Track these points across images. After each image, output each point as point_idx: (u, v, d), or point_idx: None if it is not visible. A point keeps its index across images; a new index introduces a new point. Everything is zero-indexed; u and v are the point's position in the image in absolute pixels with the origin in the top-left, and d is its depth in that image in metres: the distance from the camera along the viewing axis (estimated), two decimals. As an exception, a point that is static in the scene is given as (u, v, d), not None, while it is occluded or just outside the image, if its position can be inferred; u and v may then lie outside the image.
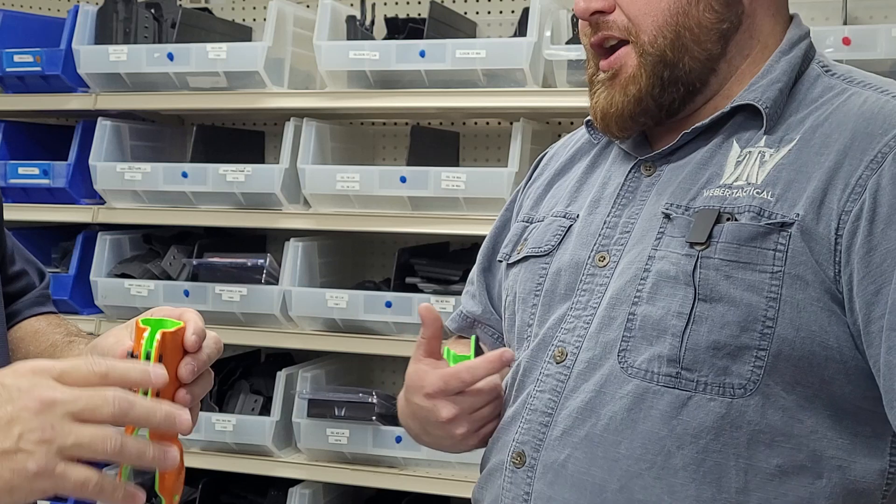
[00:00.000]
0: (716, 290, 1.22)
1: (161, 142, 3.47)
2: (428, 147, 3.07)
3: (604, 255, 1.33)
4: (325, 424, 2.95)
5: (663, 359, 1.23)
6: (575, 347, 1.31)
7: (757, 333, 1.20)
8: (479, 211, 2.82)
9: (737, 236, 1.23)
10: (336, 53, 2.91)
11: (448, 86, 2.85)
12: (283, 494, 3.08)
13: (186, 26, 3.11)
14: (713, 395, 1.21)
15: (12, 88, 3.26)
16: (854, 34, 2.55)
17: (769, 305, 1.20)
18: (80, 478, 0.99)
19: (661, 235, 1.28)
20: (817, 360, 1.21)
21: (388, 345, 2.95)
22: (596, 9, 1.33)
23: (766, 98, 1.30)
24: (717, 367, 1.21)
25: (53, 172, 3.20)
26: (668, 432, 1.22)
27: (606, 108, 1.34)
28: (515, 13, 3.15)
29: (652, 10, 1.30)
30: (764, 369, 1.20)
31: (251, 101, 3.04)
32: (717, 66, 1.33)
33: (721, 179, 1.28)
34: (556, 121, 3.14)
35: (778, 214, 1.22)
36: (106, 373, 1.01)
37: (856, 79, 1.32)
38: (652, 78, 1.31)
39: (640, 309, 1.26)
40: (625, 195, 1.36)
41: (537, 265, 1.41)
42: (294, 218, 3.03)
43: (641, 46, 1.31)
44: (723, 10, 1.31)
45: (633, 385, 1.24)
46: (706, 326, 1.22)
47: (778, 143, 1.27)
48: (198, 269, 3.16)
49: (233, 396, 3.23)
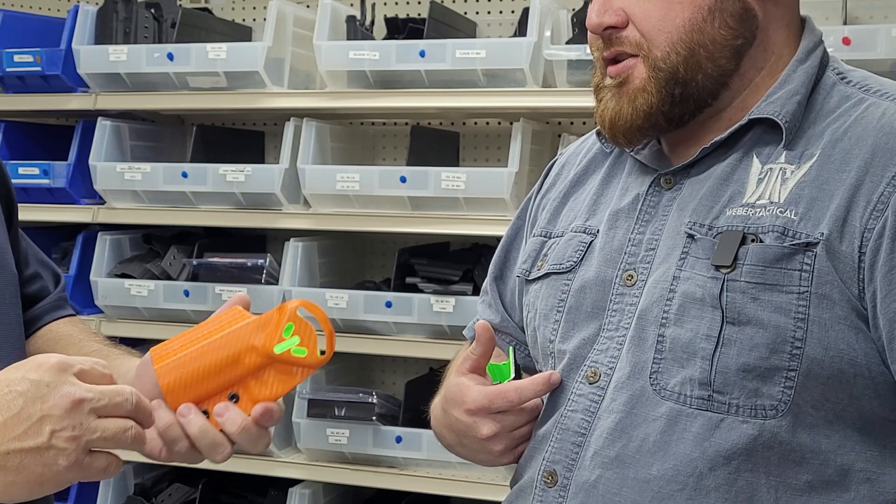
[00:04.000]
0: (743, 312, 1.21)
1: (161, 142, 3.47)
2: (428, 147, 3.07)
3: (631, 274, 1.32)
4: (325, 424, 2.95)
5: (695, 381, 1.23)
6: (608, 368, 1.30)
7: (786, 354, 1.20)
8: (479, 211, 2.83)
9: (762, 258, 1.22)
10: (336, 53, 2.91)
11: (448, 86, 2.85)
12: (283, 494, 3.09)
13: (186, 26, 3.11)
14: (745, 416, 1.21)
15: (12, 88, 3.26)
16: (854, 34, 2.55)
17: (797, 326, 1.20)
18: (102, 465, 1.10)
19: (686, 256, 1.27)
20: (846, 378, 1.20)
21: (388, 345, 2.95)
22: (609, 24, 1.31)
23: (786, 112, 1.28)
24: (748, 389, 1.21)
25: (53, 172, 3.20)
26: (701, 454, 1.22)
27: (614, 119, 1.33)
28: (515, 13, 3.15)
29: (666, 27, 1.28)
30: (794, 389, 1.20)
31: (251, 101, 3.04)
32: (730, 81, 1.31)
33: (744, 198, 1.27)
34: (556, 121, 3.14)
35: (802, 234, 1.21)
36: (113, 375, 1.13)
37: (872, 87, 1.30)
38: (663, 94, 1.29)
39: (668, 331, 1.25)
40: (646, 210, 1.34)
41: (559, 282, 1.39)
42: (294, 218, 3.02)
43: (654, 62, 1.29)
44: (738, 27, 1.30)
45: (666, 408, 1.24)
46: (735, 349, 1.21)
47: (798, 159, 1.26)
48: (198, 269, 3.16)
49: (233, 396, 3.23)
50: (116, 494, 3.24)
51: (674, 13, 1.28)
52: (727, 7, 1.29)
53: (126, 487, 3.28)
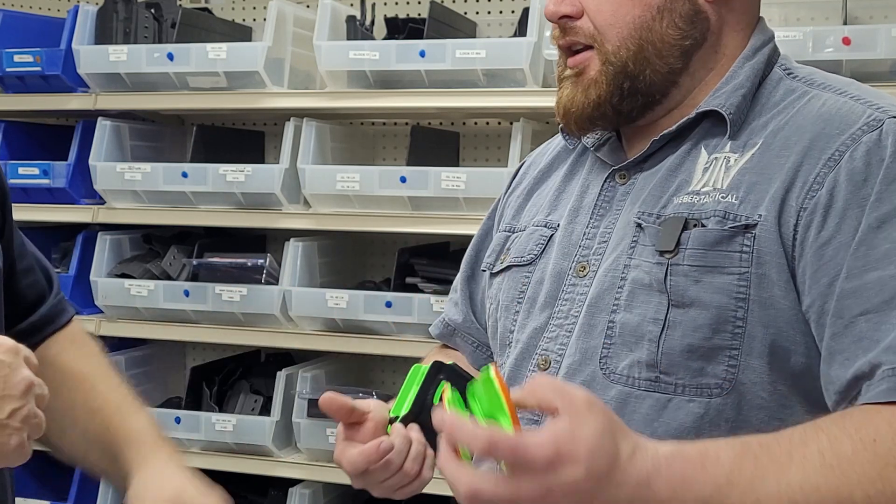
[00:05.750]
0: (686, 295, 1.25)
1: (161, 142, 3.47)
2: (428, 147, 3.07)
3: (584, 265, 1.35)
4: (325, 424, 2.95)
5: (643, 364, 1.26)
6: (558, 355, 1.33)
7: (728, 334, 1.23)
8: (479, 211, 2.82)
9: (703, 242, 1.25)
10: (336, 53, 2.91)
11: (448, 86, 2.86)
12: (283, 494, 3.09)
13: (186, 26, 3.12)
14: (691, 396, 1.25)
15: (12, 88, 3.26)
16: (854, 34, 2.55)
17: (738, 306, 1.23)
18: (24, 450, 1.13)
19: (635, 244, 1.31)
20: (787, 356, 1.23)
21: (388, 345, 2.95)
22: (564, 13, 1.35)
23: (730, 104, 1.32)
24: (693, 369, 1.24)
25: (53, 172, 3.20)
26: (651, 434, 1.22)
27: (568, 106, 1.37)
28: (515, 13, 3.15)
29: (617, 22, 1.32)
30: (738, 368, 1.23)
31: (251, 101, 3.04)
32: (679, 79, 1.35)
33: (690, 186, 1.30)
34: (556, 121, 3.14)
35: (742, 217, 1.25)
36: None
37: (816, 81, 1.34)
38: (612, 86, 1.33)
39: (618, 316, 1.29)
40: (601, 205, 1.38)
41: (520, 274, 1.43)
42: (294, 218, 3.03)
43: (605, 55, 1.33)
44: (686, 28, 1.33)
45: (616, 391, 1.27)
46: (680, 331, 1.25)
47: (742, 148, 1.30)
48: (198, 269, 3.16)
49: (233, 396, 3.24)
50: (116, 494, 3.25)
51: (624, 10, 1.32)
52: (677, 8, 1.32)
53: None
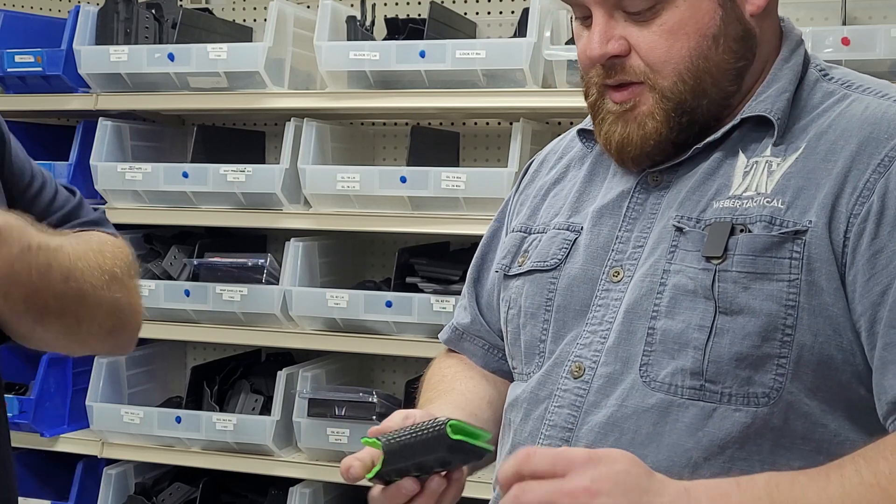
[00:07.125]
0: (735, 302, 1.23)
1: (162, 142, 3.48)
2: (428, 147, 3.08)
3: (618, 271, 1.33)
4: (325, 424, 2.96)
5: (686, 372, 1.24)
6: (592, 362, 1.31)
7: (777, 342, 1.21)
8: (479, 211, 2.83)
9: (752, 248, 1.23)
10: (336, 54, 2.92)
11: (448, 86, 2.86)
12: (283, 494, 3.09)
13: (187, 27, 3.12)
14: (738, 405, 1.23)
15: (13, 89, 3.26)
16: (853, 34, 2.55)
17: (788, 314, 1.21)
18: None
19: (675, 249, 1.28)
20: (835, 364, 1.22)
21: (388, 344, 2.95)
22: (613, 54, 1.31)
23: (777, 109, 1.30)
24: (741, 377, 1.22)
25: (54, 173, 3.18)
26: (695, 444, 1.23)
27: (623, 144, 1.33)
28: (515, 13, 3.15)
29: (673, 58, 1.29)
30: (786, 377, 1.21)
31: (251, 101, 3.04)
32: (732, 100, 1.33)
33: (730, 190, 1.28)
34: (556, 121, 3.14)
35: (790, 222, 1.23)
36: None
37: (854, 83, 1.33)
38: (670, 122, 1.30)
39: (659, 323, 1.26)
40: (634, 208, 1.35)
41: (544, 279, 1.39)
42: (294, 218, 3.03)
43: (661, 91, 1.30)
44: (740, 49, 1.31)
45: (656, 398, 1.25)
46: (728, 338, 1.23)
47: (784, 152, 1.28)
48: (198, 268, 3.17)
49: (233, 396, 3.24)
50: (117, 494, 3.25)
51: (679, 44, 1.29)
52: (730, 32, 1.30)
53: (127, 487, 3.28)
